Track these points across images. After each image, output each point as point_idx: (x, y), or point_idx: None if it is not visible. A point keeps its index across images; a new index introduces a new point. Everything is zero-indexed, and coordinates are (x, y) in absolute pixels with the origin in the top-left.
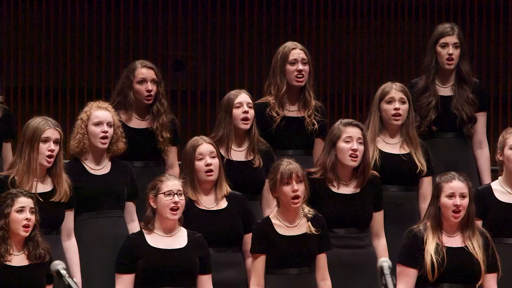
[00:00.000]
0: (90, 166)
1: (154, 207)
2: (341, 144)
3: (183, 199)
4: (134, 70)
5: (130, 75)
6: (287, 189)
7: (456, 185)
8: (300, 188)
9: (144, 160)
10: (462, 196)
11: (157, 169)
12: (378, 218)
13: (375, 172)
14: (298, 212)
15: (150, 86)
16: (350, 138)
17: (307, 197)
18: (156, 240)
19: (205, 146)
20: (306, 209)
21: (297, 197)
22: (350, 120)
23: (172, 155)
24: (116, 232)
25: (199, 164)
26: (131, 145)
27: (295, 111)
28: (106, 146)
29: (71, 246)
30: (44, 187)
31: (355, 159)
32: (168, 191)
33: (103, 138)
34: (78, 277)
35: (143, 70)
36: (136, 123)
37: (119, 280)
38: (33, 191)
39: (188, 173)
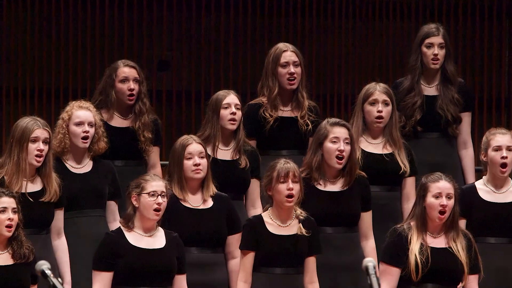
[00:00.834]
0: (72, 165)
1: (136, 206)
2: (328, 145)
3: (166, 200)
4: (116, 69)
5: (112, 74)
6: (282, 187)
7: (443, 185)
8: (295, 188)
9: (125, 159)
10: (449, 196)
11: (138, 169)
12: (367, 218)
13: (362, 172)
14: (291, 212)
15: (132, 85)
16: (337, 139)
17: (301, 199)
18: (137, 239)
19: (194, 146)
20: (299, 210)
21: (291, 195)
22: (337, 120)
23: (154, 155)
24: (97, 232)
25: (188, 163)
26: (113, 144)
27: (289, 111)
28: (87, 145)
29: (60, 244)
30: (33, 187)
31: (341, 161)
32: (152, 191)
33: (84, 138)
34: (67, 277)
35: (125, 69)
36: (118, 122)
37: (97, 277)
38: (23, 191)
39: (176, 171)
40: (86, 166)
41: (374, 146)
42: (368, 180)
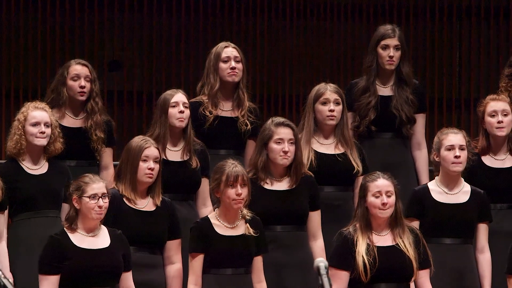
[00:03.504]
0: (28, 166)
1: (78, 208)
2: (273, 145)
3: (107, 201)
4: (68, 67)
5: (64, 72)
6: (231, 192)
7: (381, 183)
8: (244, 192)
9: (77, 159)
10: (388, 194)
11: (90, 169)
12: (315, 218)
13: (309, 172)
14: (237, 213)
15: (83, 82)
16: (281, 140)
17: (248, 201)
18: (81, 240)
19: (152, 150)
20: (245, 211)
21: (240, 201)
22: (282, 120)
23: (106, 156)
24: (53, 232)
25: (143, 166)
26: (64, 143)
27: (229, 110)
28: (45, 143)
29: (0, 249)
30: None
31: (286, 160)
32: (93, 194)
33: (40, 138)
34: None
35: (77, 66)
36: (70, 121)
37: (44, 281)
38: None
39: (129, 172)
40: (42, 167)
41: (326, 147)
42: (314, 179)
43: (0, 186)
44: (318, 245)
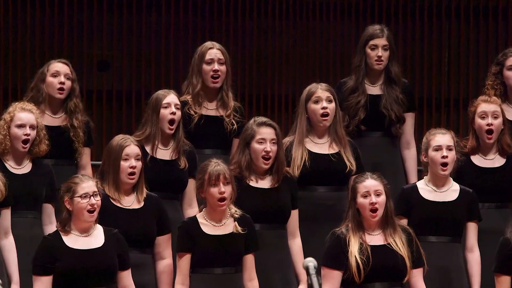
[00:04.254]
0: (11, 165)
1: (70, 209)
2: (255, 145)
3: (99, 199)
4: (49, 65)
5: (45, 69)
6: (214, 190)
7: (369, 183)
8: (227, 190)
9: (55, 158)
10: (377, 194)
11: (69, 168)
12: (295, 216)
13: (289, 170)
14: (225, 212)
15: (63, 79)
16: (263, 140)
17: (234, 198)
18: (74, 240)
19: (132, 148)
20: (233, 209)
21: (223, 199)
22: (264, 120)
23: (85, 156)
24: (32, 233)
25: (124, 165)
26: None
27: (214, 109)
28: (26, 150)
29: (7, 244)
30: None
31: (267, 161)
32: (84, 193)
33: (24, 141)
34: (15, 276)
35: (57, 64)
36: (49, 120)
37: (37, 282)
38: None
39: (112, 172)
40: (25, 168)
41: (320, 146)
42: (294, 178)
43: (4, 182)
44: (296, 243)
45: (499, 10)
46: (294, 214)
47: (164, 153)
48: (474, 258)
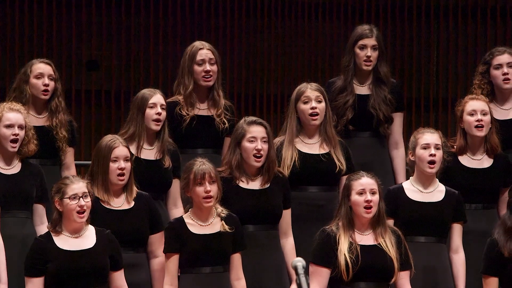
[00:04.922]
0: (1, 166)
1: (60, 210)
2: (246, 144)
3: (89, 200)
4: (31, 65)
5: (27, 70)
6: (199, 189)
7: (365, 181)
8: (213, 189)
9: (40, 158)
10: (372, 192)
11: (53, 168)
12: (287, 216)
13: (280, 169)
14: (211, 211)
15: (47, 80)
16: (254, 138)
17: (220, 197)
18: (65, 241)
19: (121, 149)
20: (220, 209)
21: (209, 197)
22: (254, 119)
23: (69, 156)
24: (23, 233)
25: (113, 167)
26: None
27: (205, 109)
28: (15, 150)
29: None
30: None
31: (259, 159)
32: (73, 194)
33: (13, 141)
34: (3, 276)
35: (40, 65)
36: (32, 120)
37: (29, 283)
38: None
39: (101, 173)
40: (15, 168)
41: (310, 147)
42: (286, 177)
43: None
44: (289, 243)
45: (487, 10)
46: (287, 213)
47: (148, 153)
48: (459, 259)
